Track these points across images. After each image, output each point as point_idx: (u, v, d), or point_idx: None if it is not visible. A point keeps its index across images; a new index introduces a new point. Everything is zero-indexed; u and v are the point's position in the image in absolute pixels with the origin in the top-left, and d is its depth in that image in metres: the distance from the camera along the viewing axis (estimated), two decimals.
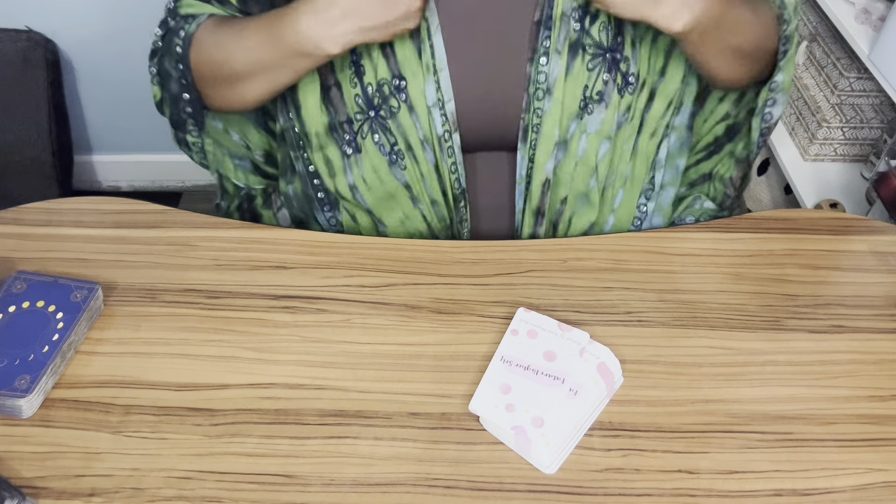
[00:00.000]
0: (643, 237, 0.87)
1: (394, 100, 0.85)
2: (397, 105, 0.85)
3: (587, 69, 0.85)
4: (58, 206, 0.88)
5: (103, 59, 1.81)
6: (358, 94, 0.86)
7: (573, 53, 0.84)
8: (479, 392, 0.69)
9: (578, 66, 0.84)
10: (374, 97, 0.85)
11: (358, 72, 0.85)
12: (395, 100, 0.85)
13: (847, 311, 0.80)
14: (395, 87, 0.85)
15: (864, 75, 1.51)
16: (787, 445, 0.68)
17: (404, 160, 0.89)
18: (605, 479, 0.65)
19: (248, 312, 0.77)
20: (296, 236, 0.86)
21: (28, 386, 0.67)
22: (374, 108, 0.86)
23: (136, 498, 0.63)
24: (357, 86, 0.85)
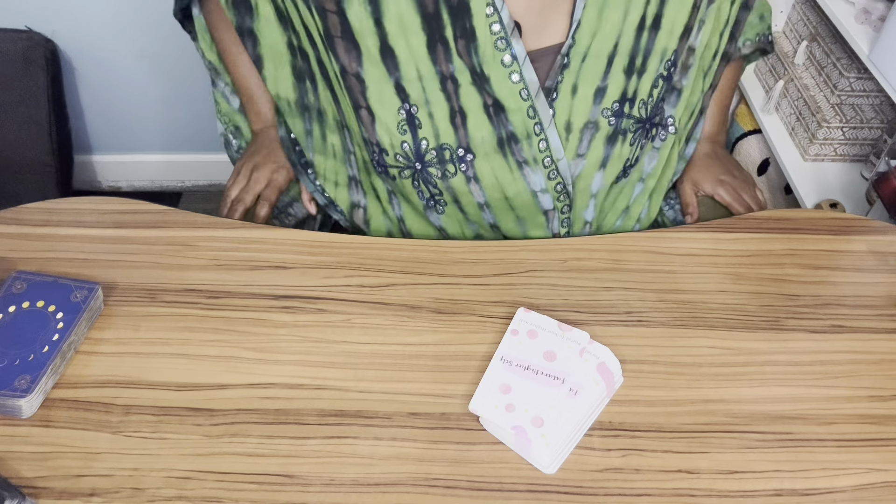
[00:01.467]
0: (643, 237, 0.87)
1: (451, 166, 0.84)
2: (454, 171, 0.84)
3: (629, 145, 0.87)
4: (58, 206, 0.88)
5: (103, 59, 1.81)
6: (407, 141, 0.84)
7: (611, 144, 0.85)
8: (479, 392, 0.69)
9: (618, 149, 0.86)
10: (427, 153, 0.84)
11: (411, 123, 0.82)
12: (453, 166, 0.84)
13: (847, 311, 0.80)
14: (458, 157, 0.83)
15: (864, 75, 1.51)
16: (787, 445, 0.68)
17: (445, 207, 0.89)
18: (605, 479, 0.65)
19: (248, 312, 0.77)
20: (296, 236, 0.86)
21: (28, 386, 0.67)
22: (423, 163, 0.85)
23: (136, 498, 0.63)
24: (407, 133, 0.83)
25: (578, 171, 0.85)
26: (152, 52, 1.79)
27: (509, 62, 0.79)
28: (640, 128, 0.86)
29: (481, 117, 0.82)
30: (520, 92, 0.81)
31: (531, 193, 0.86)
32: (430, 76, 0.80)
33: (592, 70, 0.82)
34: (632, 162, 0.88)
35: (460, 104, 0.81)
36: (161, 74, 1.84)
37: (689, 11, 0.83)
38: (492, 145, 0.83)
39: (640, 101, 0.85)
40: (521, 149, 0.83)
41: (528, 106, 0.81)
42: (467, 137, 0.82)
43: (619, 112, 0.84)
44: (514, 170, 0.84)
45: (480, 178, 0.85)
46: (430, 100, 0.81)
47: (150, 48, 1.79)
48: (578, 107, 0.83)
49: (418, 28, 0.78)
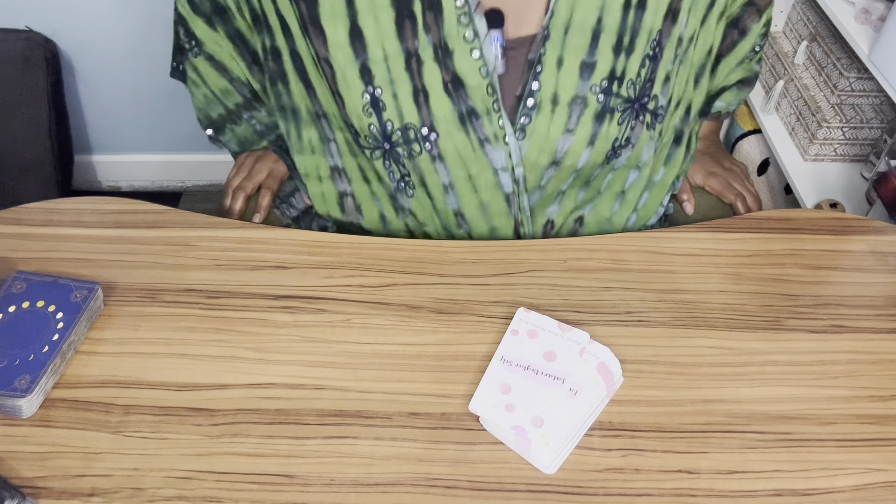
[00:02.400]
0: (643, 237, 0.87)
1: (416, 145, 0.85)
2: (419, 150, 0.85)
3: (617, 124, 0.87)
4: (58, 206, 0.88)
5: (103, 59, 1.81)
6: (373, 123, 0.85)
7: (599, 122, 0.86)
8: (479, 392, 0.69)
9: (606, 128, 0.86)
10: (393, 134, 0.85)
11: (375, 106, 0.84)
12: (418, 145, 0.85)
13: (847, 311, 0.80)
14: (422, 136, 0.84)
15: (864, 75, 1.51)
16: (787, 445, 0.68)
17: (413, 191, 0.90)
18: (605, 479, 0.65)
19: (248, 312, 0.77)
20: (296, 236, 0.86)
21: (28, 386, 0.67)
22: (391, 143, 0.86)
23: (136, 498, 0.63)
24: (372, 115, 0.85)
25: (567, 147, 0.86)
26: (152, 52, 1.79)
27: (471, 38, 0.81)
28: (629, 108, 0.87)
29: (442, 95, 0.83)
30: (479, 69, 0.82)
31: (493, 171, 0.87)
32: (395, 54, 0.82)
33: (576, 43, 0.82)
34: (621, 142, 0.89)
35: (423, 82, 0.83)
36: (161, 74, 1.84)
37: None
38: (454, 122, 0.84)
39: (629, 80, 0.85)
40: (481, 125, 0.84)
41: (486, 83, 0.83)
42: (430, 116, 0.84)
43: (608, 90, 0.85)
44: (476, 147, 0.85)
45: (445, 157, 0.86)
46: (394, 79, 0.83)
47: (150, 48, 1.79)
48: (565, 80, 0.83)
49: (388, 4, 0.80)
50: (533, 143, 0.85)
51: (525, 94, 0.83)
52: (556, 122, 0.84)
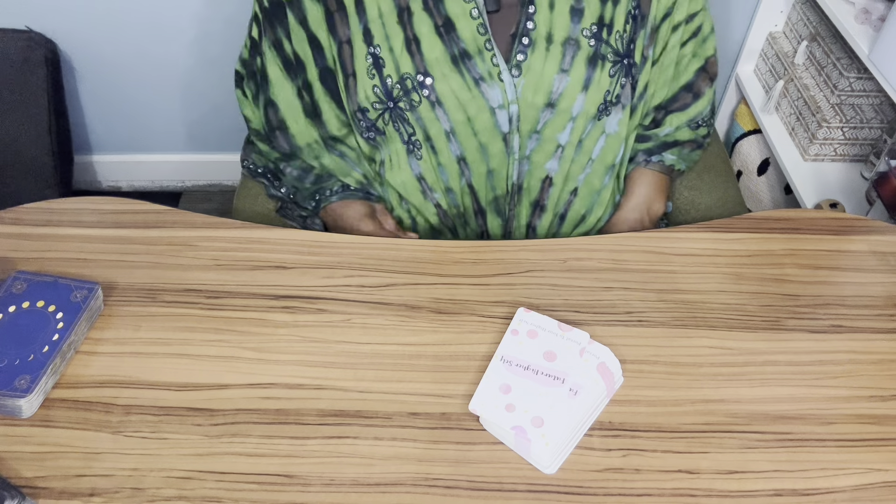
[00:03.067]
0: (643, 237, 0.87)
1: (415, 94, 0.88)
2: (418, 99, 0.88)
3: (609, 76, 0.90)
4: (58, 206, 0.88)
5: (103, 59, 1.81)
6: (376, 85, 0.89)
7: (592, 66, 0.89)
8: (479, 392, 0.69)
9: (599, 75, 0.90)
10: (394, 89, 0.89)
11: (377, 64, 0.88)
12: (416, 94, 0.88)
13: (847, 311, 0.80)
14: (418, 83, 0.88)
15: (864, 75, 1.51)
16: (787, 445, 0.68)
17: (421, 150, 0.93)
18: (605, 479, 0.65)
19: (248, 312, 0.77)
20: (296, 236, 0.86)
21: (28, 386, 0.67)
22: (393, 100, 0.89)
23: (136, 498, 0.63)
24: (375, 76, 0.89)
25: (562, 89, 0.89)
26: (152, 52, 1.79)
27: None
28: (619, 62, 0.90)
29: (433, 39, 0.87)
30: (470, 11, 0.86)
31: (489, 110, 0.89)
32: (388, 11, 0.87)
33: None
34: (612, 98, 0.92)
35: (414, 31, 0.87)
36: (161, 74, 1.84)
37: None
38: (447, 64, 0.87)
39: (616, 31, 0.90)
40: (474, 65, 0.87)
41: (477, 23, 0.87)
42: (423, 61, 0.87)
43: (598, 36, 0.89)
44: (471, 87, 0.88)
45: (443, 101, 0.88)
46: (388, 34, 0.87)
47: (150, 48, 1.79)
48: (557, 21, 0.87)
49: None
50: (529, 81, 0.88)
51: (520, 32, 0.87)
52: (550, 60, 0.88)
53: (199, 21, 1.74)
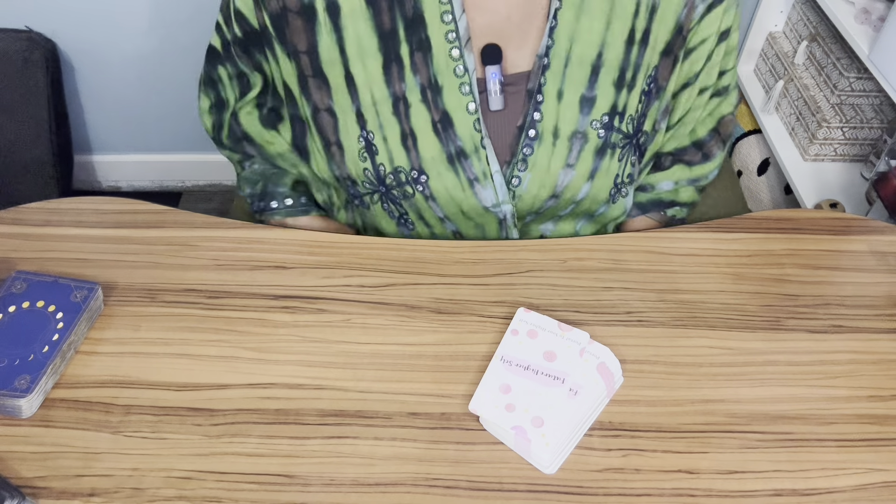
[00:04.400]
0: (643, 237, 0.87)
1: (409, 187, 0.85)
2: (412, 192, 0.86)
3: (618, 161, 0.87)
4: (58, 206, 0.88)
5: (103, 59, 1.81)
6: (368, 168, 0.85)
7: (600, 157, 0.85)
8: (479, 392, 0.69)
9: (607, 163, 0.86)
10: (387, 178, 0.85)
11: (369, 150, 0.84)
12: (410, 188, 0.85)
13: (847, 311, 0.80)
14: (412, 179, 0.85)
15: (864, 75, 1.51)
16: (787, 445, 0.68)
17: (413, 226, 0.91)
18: (605, 479, 0.65)
19: (248, 312, 0.77)
20: (296, 236, 0.86)
21: (28, 386, 0.67)
22: (386, 186, 0.86)
23: (136, 498, 0.63)
24: (367, 160, 0.85)
25: (567, 182, 0.86)
26: (152, 52, 1.79)
27: (461, 73, 0.81)
28: (628, 143, 0.86)
29: (430, 136, 0.83)
30: (467, 105, 0.82)
31: (483, 209, 0.87)
32: (383, 99, 0.82)
33: (576, 76, 0.82)
34: (623, 178, 0.88)
35: (410, 125, 0.83)
36: (161, 75, 1.84)
37: (670, 30, 0.84)
38: (442, 163, 0.83)
39: (629, 116, 0.85)
40: (470, 164, 0.84)
41: (474, 120, 0.82)
42: (419, 158, 0.83)
43: (609, 125, 0.84)
44: (465, 188, 0.85)
45: (437, 196, 0.86)
46: (383, 124, 0.83)
47: (151, 48, 1.79)
48: (565, 113, 0.83)
49: (375, 49, 0.80)
50: (535, 176, 0.85)
51: (526, 124, 0.83)
52: (556, 155, 0.84)
53: (198, 21, 1.74)
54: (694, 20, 0.85)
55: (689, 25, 0.85)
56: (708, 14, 0.85)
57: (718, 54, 0.89)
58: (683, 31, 0.85)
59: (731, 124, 0.99)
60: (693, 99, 0.92)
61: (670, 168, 0.98)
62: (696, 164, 0.98)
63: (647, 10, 0.82)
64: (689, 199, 1.00)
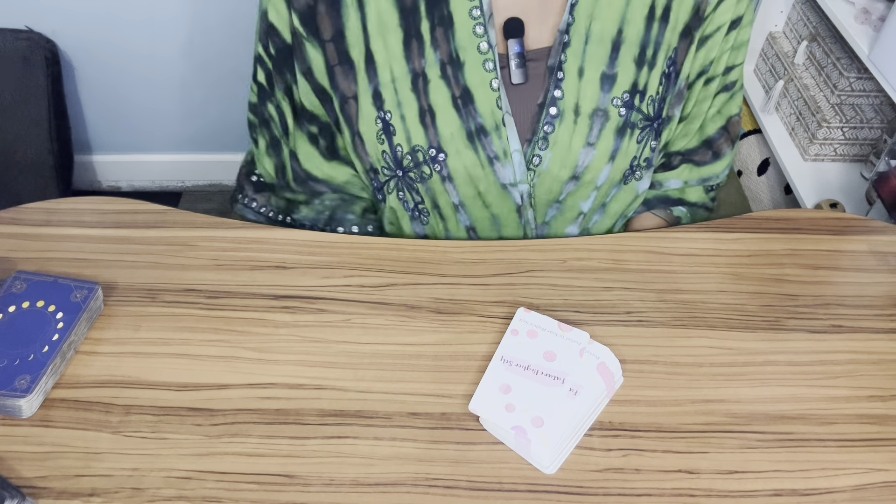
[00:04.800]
0: (643, 237, 0.87)
1: (426, 167, 0.85)
2: (429, 172, 0.85)
3: (637, 142, 0.86)
4: (58, 206, 0.88)
5: (103, 59, 1.81)
6: (385, 150, 0.85)
7: (620, 136, 0.85)
8: (478, 392, 0.69)
9: (626, 144, 0.85)
10: (404, 159, 0.85)
11: (387, 131, 0.84)
12: (427, 168, 0.85)
13: (847, 311, 0.80)
14: (430, 157, 0.84)
15: (864, 75, 1.51)
16: (787, 445, 0.68)
17: (428, 217, 0.90)
18: (605, 479, 0.65)
19: (248, 312, 0.77)
20: (296, 236, 0.86)
21: (28, 386, 0.67)
22: (403, 169, 0.86)
23: (136, 498, 0.63)
24: (384, 142, 0.85)
25: (588, 162, 0.85)
26: (152, 52, 1.79)
27: (485, 49, 0.81)
28: (648, 126, 0.86)
29: (450, 112, 0.82)
30: (490, 82, 0.81)
31: (501, 186, 0.86)
32: (402, 76, 0.82)
33: (597, 54, 0.82)
34: (640, 161, 0.88)
35: (429, 102, 0.82)
36: (161, 74, 1.84)
37: (689, 10, 0.83)
38: (462, 140, 0.83)
39: (650, 96, 0.84)
40: (490, 142, 0.83)
41: (496, 97, 0.82)
42: (437, 136, 0.83)
43: (630, 104, 0.83)
44: (485, 165, 0.84)
45: (454, 177, 0.85)
46: (401, 101, 0.82)
47: (151, 48, 1.79)
48: (586, 91, 0.82)
49: (396, 25, 0.80)
50: (556, 155, 0.84)
51: (547, 101, 0.83)
52: (578, 133, 0.83)
53: (199, 21, 1.74)
54: (711, 4, 0.85)
55: (705, 7, 0.84)
56: (724, 1, 0.85)
57: (728, 42, 0.89)
58: (700, 12, 0.84)
59: (738, 125, 0.99)
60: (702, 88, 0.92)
61: (679, 167, 0.97)
62: (705, 164, 0.97)
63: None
64: (697, 199, 0.99)
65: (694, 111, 0.94)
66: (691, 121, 0.94)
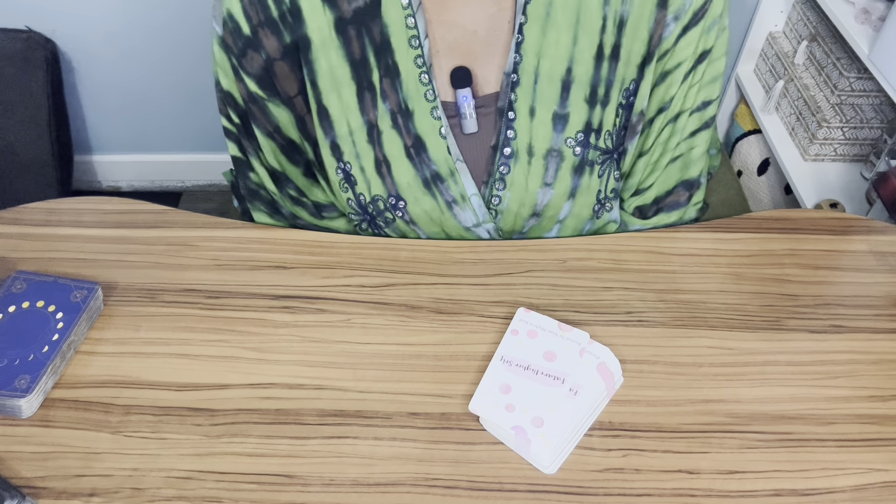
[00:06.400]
0: (643, 237, 0.87)
1: (389, 213, 0.85)
2: (392, 218, 0.86)
3: (598, 177, 0.85)
4: (58, 206, 0.88)
5: (103, 59, 1.81)
6: (350, 198, 0.86)
7: (579, 174, 0.83)
8: (478, 392, 0.69)
9: (587, 181, 0.84)
10: (368, 206, 0.86)
11: (349, 180, 0.85)
12: (390, 213, 0.85)
13: (847, 311, 0.80)
14: (391, 205, 0.85)
15: (864, 75, 1.51)
16: (787, 445, 0.68)
17: None
18: (605, 479, 0.65)
19: (248, 312, 0.77)
20: (296, 236, 0.86)
21: (28, 386, 0.67)
22: (369, 214, 0.87)
23: (136, 498, 0.63)
24: (348, 190, 0.85)
25: (547, 201, 0.85)
26: (152, 52, 1.80)
27: (431, 98, 0.80)
28: (608, 158, 0.85)
29: (403, 162, 0.82)
30: (439, 130, 0.81)
31: (464, 229, 0.87)
32: (358, 128, 0.82)
33: (547, 93, 0.80)
34: (606, 194, 0.87)
35: (384, 152, 0.82)
36: (161, 74, 1.84)
37: (645, 41, 0.81)
38: (418, 188, 0.83)
39: (606, 132, 0.83)
40: (447, 188, 0.83)
41: (446, 144, 0.81)
42: (395, 185, 0.83)
43: (585, 142, 0.82)
44: (444, 210, 0.84)
45: (417, 221, 0.86)
46: (359, 153, 0.82)
47: (150, 48, 1.79)
48: (538, 131, 0.81)
49: (349, 78, 0.80)
50: (514, 195, 0.84)
51: (500, 143, 0.82)
52: (533, 173, 0.83)
53: (198, 21, 1.74)
54: (667, 39, 0.81)
55: (658, 35, 0.80)
56: (684, 35, 0.81)
57: (696, 76, 0.85)
58: (653, 41, 0.81)
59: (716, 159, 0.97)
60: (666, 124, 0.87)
61: (653, 218, 0.94)
62: (679, 207, 0.93)
63: (614, 25, 0.79)
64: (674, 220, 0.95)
65: (657, 147, 0.89)
66: (657, 155, 0.90)
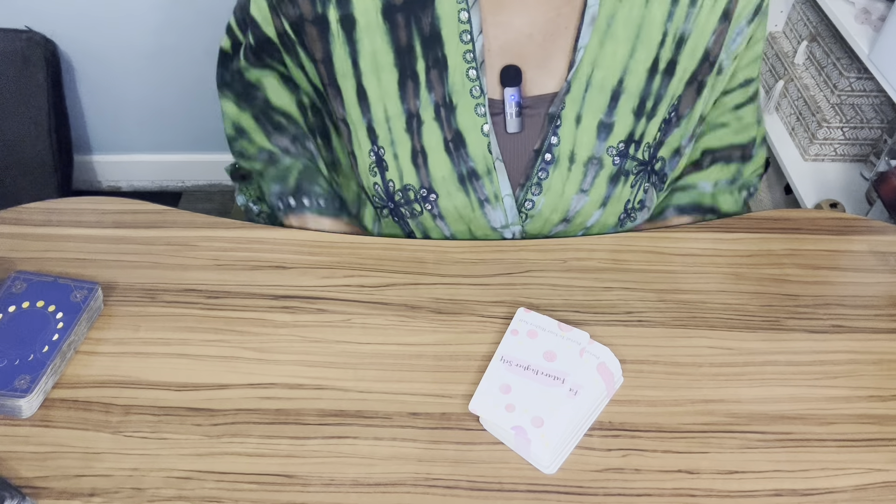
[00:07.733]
0: (643, 237, 0.87)
1: (417, 205, 0.85)
2: (420, 210, 0.85)
3: (630, 187, 0.85)
4: (58, 206, 0.88)
5: (103, 59, 1.81)
6: (378, 182, 0.85)
7: (614, 184, 0.84)
8: (479, 392, 0.69)
9: (620, 190, 0.85)
10: (396, 194, 0.85)
11: (380, 165, 0.84)
12: (418, 206, 0.85)
13: (847, 311, 0.80)
14: (421, 196, 0.84)
15: (864, 75, 1.51)
16: (787, 445, 0.68)
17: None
18: (605, 479, 0.65)
19: (248, 312, 0.77)
20: (296, 236, 0.86)
21: (28, 386, 0.67)
22: (394, 203, 0.86)
23: (136, 498, 0.63)
24: (377, 174, 0.84)
25: (580, 208, 0.85)
26: (152, 52, 1.80)
27: (477, 94, 0.80)
28: (642, 170, 0.85)
29: (441, 155, 0.82)
30: (481, 126, 0.81)
31: (492, 229, 0.87)
32: (396, 115, 0.81)
33: (596, 102, 0.81)
34: (633, 204, 0.87)
35: (422, 143, 0.82)
36: (161, 74, 1.84)
37: (698, 59, 0.82)
38: (453, 183, 0.83)
39: (646, 143, 0.84)
40: (482, 185, 0.83)
41: (487, 142, 0.81)
42: (429, 177, 0.83)
43: (625, 153, 0.83)
44: (475, 208, 0.84)
45: (445, 216, 0.85)
46: (395, 140, 0.82)
47: (151, 48, 1.79)
48: (582, 138, 0.82)
49: (391, 65, 0.80)
50: (548, 200, 0.84)
51: (544, 148, 0.82)
52: (571, 180, 0.83)
53: (198, 21, 1.74)
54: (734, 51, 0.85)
55: (716, 52, 0.83)
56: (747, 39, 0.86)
57: (743, 59, 0.88)
58: (710, 58, 0.83)
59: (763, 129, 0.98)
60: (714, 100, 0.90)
61: (709, 168, 0.95)
62: (733, 162, 0.95)
63: (673, 41, 0.80)
64: (729, 208, 0.96)
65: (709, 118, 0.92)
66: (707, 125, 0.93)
